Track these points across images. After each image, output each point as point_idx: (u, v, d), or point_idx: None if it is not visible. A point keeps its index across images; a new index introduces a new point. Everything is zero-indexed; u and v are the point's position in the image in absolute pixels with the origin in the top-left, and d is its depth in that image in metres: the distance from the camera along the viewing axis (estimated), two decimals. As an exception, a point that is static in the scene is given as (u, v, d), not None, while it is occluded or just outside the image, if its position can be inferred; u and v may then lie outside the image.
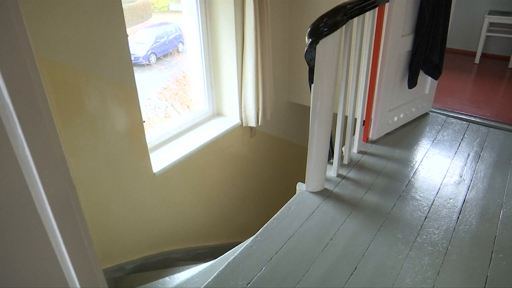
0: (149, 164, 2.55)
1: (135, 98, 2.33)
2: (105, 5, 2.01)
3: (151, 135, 2.80)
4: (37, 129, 0.59)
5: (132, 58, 3.75)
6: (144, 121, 2.49)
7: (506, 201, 2.18)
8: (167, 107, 4.84)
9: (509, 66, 4.24)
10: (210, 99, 3.21)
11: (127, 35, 2.23)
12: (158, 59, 5.16)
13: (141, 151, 2.48)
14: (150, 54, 5.11)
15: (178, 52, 5.35)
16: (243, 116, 3.17)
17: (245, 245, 1.88)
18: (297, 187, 2.28)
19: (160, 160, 2.69)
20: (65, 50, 1.92)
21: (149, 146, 2.70)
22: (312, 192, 2.23)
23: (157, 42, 5.21)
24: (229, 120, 3.21)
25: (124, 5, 2.15)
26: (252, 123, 3.15)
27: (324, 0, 3.22)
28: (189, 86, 3.53)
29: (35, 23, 1.77)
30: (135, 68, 2.33)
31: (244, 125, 3.22)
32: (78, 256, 0.69)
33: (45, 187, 0.62)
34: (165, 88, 4.98)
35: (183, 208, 3.01)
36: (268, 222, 2.03)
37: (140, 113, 2.40)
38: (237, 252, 1.84)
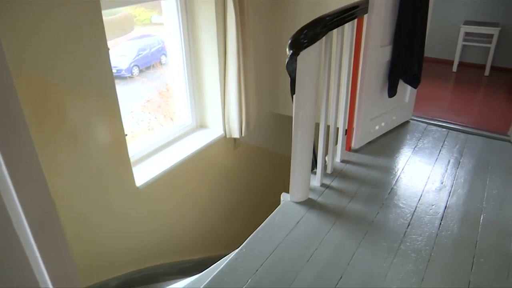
0: (132, 177, 2.52)
1: (116, 112, 2.31)
2: (85, 18, 2.00)
3: (134, 148, 2.77)
4: (15, 147, 0.58)
5: (114, 71, 3.73)
6: (126, 135, 2.47)
7: (486, 206, 2.23)
8: (150, 119, 4.81)
9: (485, 74, 4.37)
10: (193, 111, 3.21)
11: (108, 49, 2.22)
12: (140, 71, 5.13)
13: (124, 164, 2.45)
14: (133, 66, 5.08)
15: (161, 64, 5.34)
16: (226, 127, 3.18)
17: (230, 258, 1.87)
18: (281, 198, 2.28)
19: (144, 174, 2.67)
20: (45, 64, 1.90)
21: (132, 159, 2.68)
22: (297, 202, 2.24)
23: (140, 54, 5.19)
24: (213, 132, 3.21)
25: (106, 18, 2.14)
26: (235, 134, 3.16)
27: (304, 12, 3.28)
28: (172, 99, 3.52)
29: (11, 36, 1.74)
30: (117, 81, 2.32)
31: (228, 136, 3.22)
32: (58, 276, 0.68)
33: (24, 206, 0.61)
34: (148, 100, 4.95)
35: (167, 221, 2.98)
36: (253, 233, 2.02)
37: (122, 127, 2.38)
38: (222, 265, 1.83)
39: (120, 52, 5.07)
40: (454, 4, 4.52)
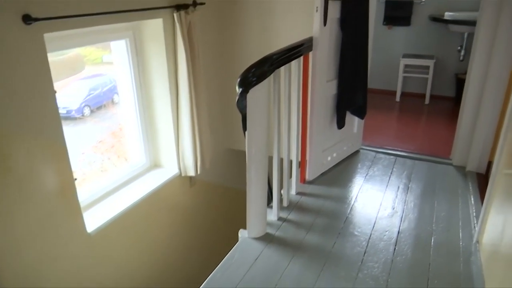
0: (82, 224, 2.41)
1: (64, 155, 2.23)
2: (30, 61, 1.96)
3: (86, 192, 2.67)
4: None
5: (64, 112, 3.61)
6: (75, 179, 2.38)
7: (436, 228, 2.32)
8: (103, 160, 4.66)
9: (426, 103, 4.66)
10: (147, 150, 3.17)
11: (55, 91, 2.17)
12: (92, 111, 5.01)
13: (73, 210, 2.35)
14: (84, 106, 4.95)
15: (114, 103, 5.25)
16: (181, 166, 3.15)
17: (189, 301, 1.81)
18: (239, 235, 2.26)
19: (96, 218, 2.56)
20: (-15, 110, 1.82)
21: (84, 203, 2.58)
22: (255, 238, 2.23)
23: (91, 94, 5.08)
24: (167, 171, 3.16)
25: (55, 58, 2.11)
26: (191, 172, 3.13)
27: (254, 50, 3.39)
28: (125, 138, 3.46)
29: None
30: (67, 122, 2.26)
31: (183, 174, 3.18)
32: None
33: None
34: (101, 141, 4.82)
35: (123, 266, 2.84)
36: (212, 273, 1.98)
37: (71, 171, 2.29)
38: (181, 310, 1.76)
39: (70, 93, 4.95)
40: (394, 39, 4.86)
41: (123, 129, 3.80)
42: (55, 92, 2.18)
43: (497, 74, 2.70)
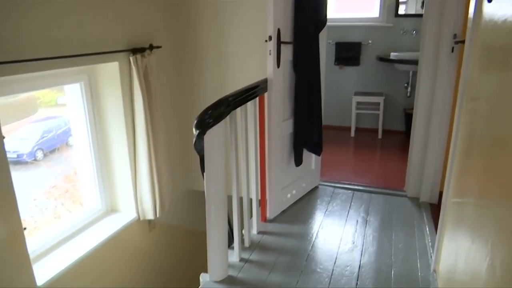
0: (32, 277, 2.26)
1: (12, 203, 2.11)
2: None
3: (37, 242, 2.53)
4: None
5: (15, 156, 3.46)
6: (25, 228, 2.25)
7: (395, 260, 2.37)
8: (56, 206, 4.45)
9: (379, 137, 4.87)
10: (103, 195, 3.07)
11: (3, 136, 2.08)
12: (45, 155, 4.82)
13: (22, 262, 2.20)
14: (36, 150, 4.76)
15: (68, 146, 5.09)
16: (139, 209, 3.07)
17: None
18: (200, 279, 2.20)
19: (48, 270, 2.41)
20: None
21: (35, 254, 2.43)
22: (217, 282, 2.17)
23: (44, 137, 4.90)
24: (125, 216, 3.06)
25: (7, 100, 2.04)
26: (149, 215, 3.05)
27: (210, 91, 3.44)
28: (80, 183, 3.34)
29: None
30: (18, 167, 2.16)
31: (141, 218, 3.09)
32: None
33: None
34: (54, 186, 4.62)
35: (77, 321, 2.67)
36: (172, 322, 1.90)
37: (20, 220, 2.17)
38: None
39: (22, 136, 4.76)
40: (346, 78, 5.11)
41: (77, 173, 3.68)
42: (3, 137, 2.09)
43: (440, 109, 2.89)
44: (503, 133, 1.10)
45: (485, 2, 1.40)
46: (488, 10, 1.38)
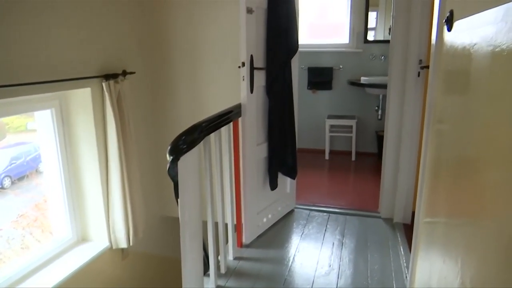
0: (-3, 313, 2.15)
1: (-23, 237, 2.03)
2: None
3: (2, 275, 2.41)
4: None
5: (-20, 184, 3.31)
6: (-11, 261, 2.15)
7: (371, 282, 2.38)
8: (24, 236, 4.27)
9: (353, 159, 4.95)
10: (74, 223, 2.97)
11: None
12: (13, 182, 4.65)
13: (-14, 298, 2.09)
14: (4, 177, 4.59)
15: (38, 173, 4.93)
16: (112, 238, 2.98)
17: None
18: (175, 308, 2.14)
19: (13, 305, 2.30)
20: None
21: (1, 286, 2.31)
22: (192, 310, 2.12)
23: (13, 164, 4.74)
24: (97, 245, 2.97)
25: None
26: (123, 244, 2.97)
27: (185, 117, 3.44)
28: (50, 211, 3.23)
29: None
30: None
31: (114, 247, 3.00)
32: None
33: None
34: (22, 215, 4.44)
35: None
36: None
37: (-16, 253, 2.07)
38: None
39: (-12, 163, 4.59)
40: (319, 102, 5.21)
41: (47, 200, 3.56)
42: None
43: (409, 131, 2.99)
44: (466, 153, 1.14)
45: (445, 31, 1.47)
46: (449, 38, 1.46)
